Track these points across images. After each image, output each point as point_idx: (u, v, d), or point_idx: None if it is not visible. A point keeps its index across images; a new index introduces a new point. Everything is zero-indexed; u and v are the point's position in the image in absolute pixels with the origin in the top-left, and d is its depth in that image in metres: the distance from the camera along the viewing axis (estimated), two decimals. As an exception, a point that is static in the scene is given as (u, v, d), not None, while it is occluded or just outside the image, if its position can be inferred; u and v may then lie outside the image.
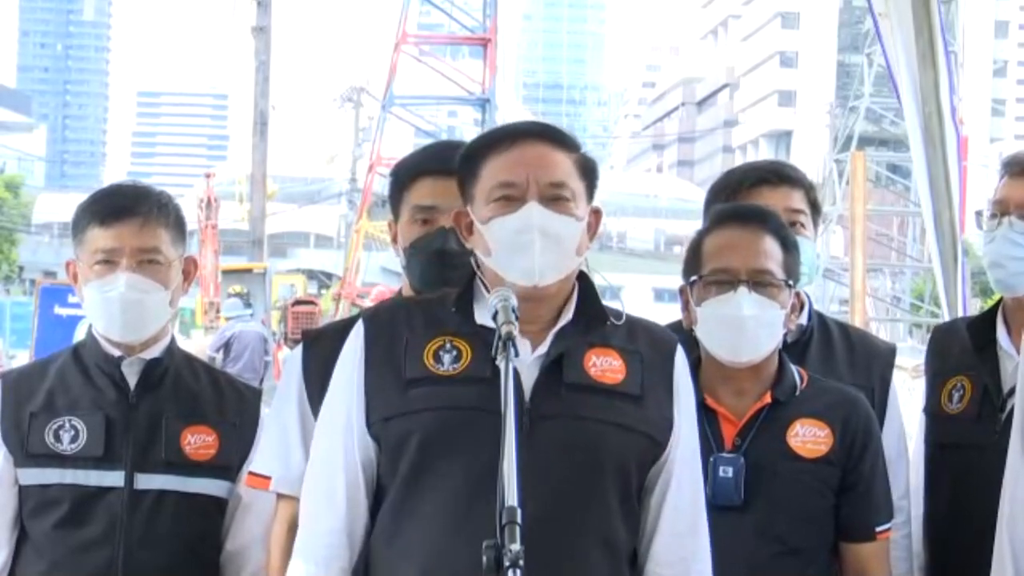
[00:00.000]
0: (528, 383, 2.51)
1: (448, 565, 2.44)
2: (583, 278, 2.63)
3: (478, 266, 2.62)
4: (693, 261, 3.02)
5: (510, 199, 2.53)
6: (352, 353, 2.62)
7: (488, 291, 2.57)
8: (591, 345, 2.58)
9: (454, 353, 2.54)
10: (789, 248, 3.00)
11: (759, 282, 2.94)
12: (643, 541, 2.62)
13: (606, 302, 2.65)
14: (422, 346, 2.55)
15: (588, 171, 2.61)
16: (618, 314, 2.63)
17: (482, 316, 2.56)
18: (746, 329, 2.92)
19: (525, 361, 2.50)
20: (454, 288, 2.65)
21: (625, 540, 2.56)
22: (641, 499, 2.61)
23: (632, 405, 2.56)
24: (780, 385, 2.99)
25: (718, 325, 2.95)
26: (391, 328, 2.60)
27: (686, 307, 3.02)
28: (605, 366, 2.57)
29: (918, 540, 3.35)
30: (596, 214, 2.62)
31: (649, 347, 2.63)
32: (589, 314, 2.60)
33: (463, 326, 2.57)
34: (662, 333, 2.69)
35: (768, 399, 2.98)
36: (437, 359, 2.54)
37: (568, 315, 2.58)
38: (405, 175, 3.03)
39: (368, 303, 24.81)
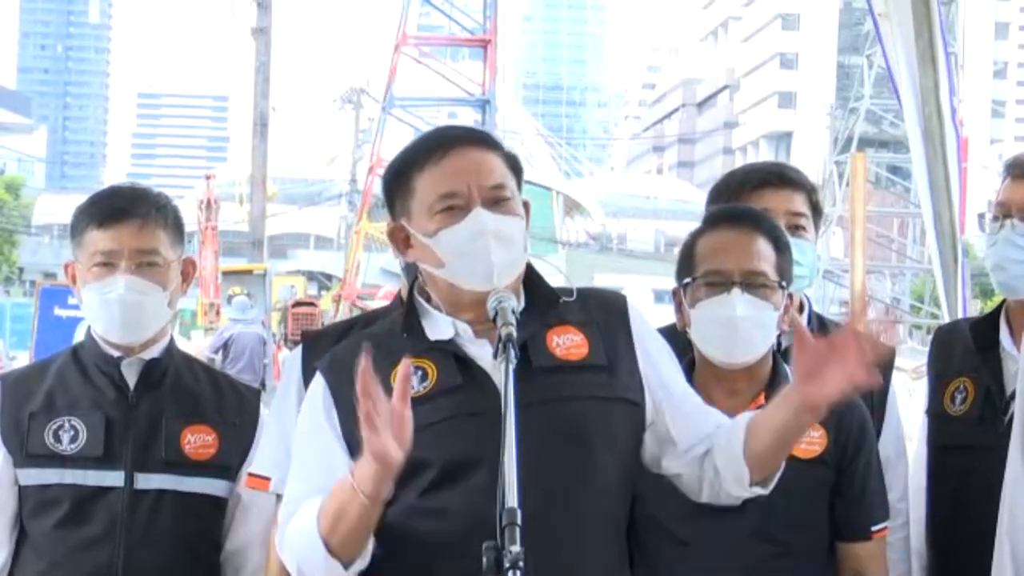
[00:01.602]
0: (499, 378, 2.49)
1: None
2: (527, 266, 2.64)
3: (417, 280, 2.63)
4: (686, 263, 3.01)
5: (455, 208, 2.54)
6: (318, 403, 2.60)
7: (432, 304, 2.60)
8: (549, 326, 2.59)
9: (419, 374, 2.54)
10: (782, 249, 3.00)
11: (752, 283, 2.93)
12: (663, 448, 2.64)
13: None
14: (388, 377, 2.51)
15: (516, 167, 2.63)
16: (568, 291, 2.65)
17: (433, 331, 2.58)
18: (740, 330, 2.92)
19: (489, 360, 2.50)
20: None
21: (622, 515, 2.59)
22: (648, 431, 2.63)
23: (603, 375, 2.58)
24: (774, 386, 2.98)
25: (712, 326, 2.94)
26: (352, 371, 2.50)
27: (679, 309, 3.02)
28: (568, 343, 2.58)
29: (920, 541, 3.34)
30: (526, 206, 2.63)
31: (603, 313, 2.64)
32: (540, 297, 2.62)
33: (419, 346, 2.57)
34: (611, 295, 2.72)
35: (762, 400, 2.96)
36: None
37: (521, 304, 2.59)
38: (405, 176, 3.02)
39: (372, 304, 24.79)
